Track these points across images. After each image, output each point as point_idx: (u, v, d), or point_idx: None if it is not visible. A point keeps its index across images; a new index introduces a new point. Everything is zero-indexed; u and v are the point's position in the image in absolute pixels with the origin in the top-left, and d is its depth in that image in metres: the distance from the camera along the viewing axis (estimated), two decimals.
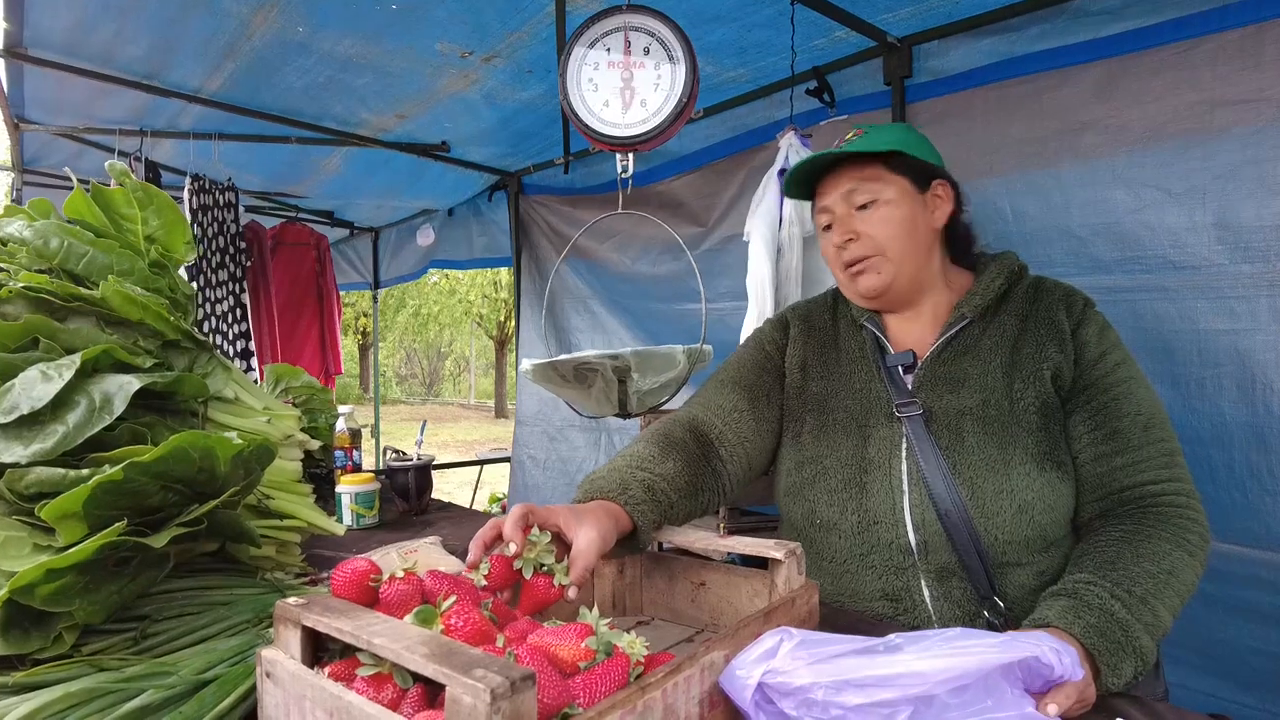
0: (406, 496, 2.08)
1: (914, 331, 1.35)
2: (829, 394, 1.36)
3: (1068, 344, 1.23)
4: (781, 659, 0.75)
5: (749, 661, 0.76)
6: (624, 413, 1.72)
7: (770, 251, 2.05)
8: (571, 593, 0.91)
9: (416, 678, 0.70)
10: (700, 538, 1.09)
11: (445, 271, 15.74)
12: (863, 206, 1.29)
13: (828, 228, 1.35)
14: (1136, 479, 1.15)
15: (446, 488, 7.50)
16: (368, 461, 2.92)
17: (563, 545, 0.96)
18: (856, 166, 1.31)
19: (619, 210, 1.50)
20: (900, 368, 1.31)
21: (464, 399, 26.81)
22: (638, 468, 1.17)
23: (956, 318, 1.29)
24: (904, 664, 0.71)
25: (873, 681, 0.71)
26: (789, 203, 2.08)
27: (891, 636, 0.77)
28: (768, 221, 2.08)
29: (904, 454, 1.24)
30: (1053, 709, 0.78)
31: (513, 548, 0.90)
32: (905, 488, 1.22)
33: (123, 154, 3.53)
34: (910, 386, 1.29)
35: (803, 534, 1.32)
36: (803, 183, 1.39)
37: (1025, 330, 1.27)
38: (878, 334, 1.35)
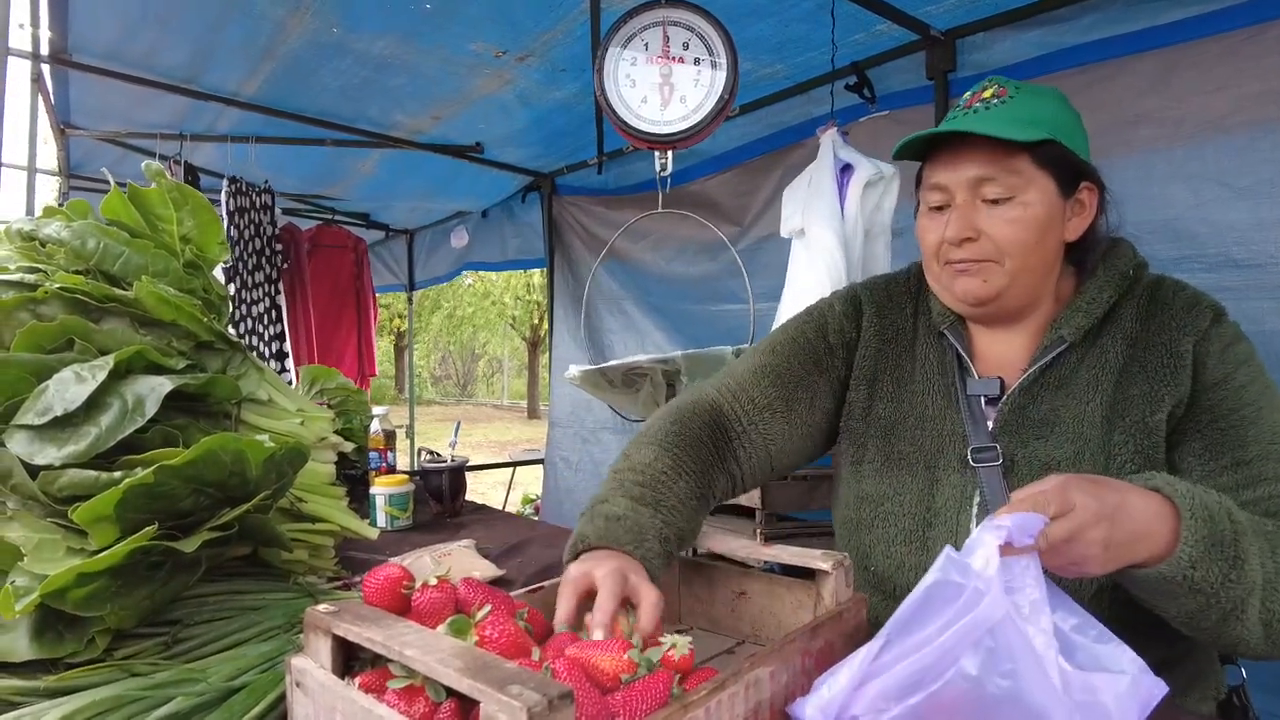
0: (440, 498, 2.06)
1: (1004, 348, 1.14)
2: (897, 420, 1.17)
3: (1185, 374, 1.00)
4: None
5: None
6: None
7: (841, 247, 1.97)
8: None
9: (450, 691, 0.68)
10: (742, 545, 1.05)
11: (479, 274, 15.85)
12: (993, 200, 1.04)
13: (939, 208, 1.09)
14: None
15: (480, 488, 7.53)
16: (402, 462, 2.92)
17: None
18: (995, 146, 1.03)
19: (659, 209, 1.46)
20: (983, 399, 1.11)
21: (497, 399, 27.03)
22: (652, 505, 0.99)
23: (1053, 340, 1.07)
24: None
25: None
26: (851, 199, 2.01)
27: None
28: (835, 217, 2.00)
29: (975, 509, 1.07)
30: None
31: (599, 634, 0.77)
32: None
33: (163, 158, 3.59)
34: (991, 427, 1.09)
35: (855, 575, 1.17)
36: (913, 144, 1.12)
37: (1134, 360, 1.04)
38: (960, 351, 1.14)
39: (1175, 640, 0.94)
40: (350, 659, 0.76)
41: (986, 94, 1.08)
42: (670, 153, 1.45)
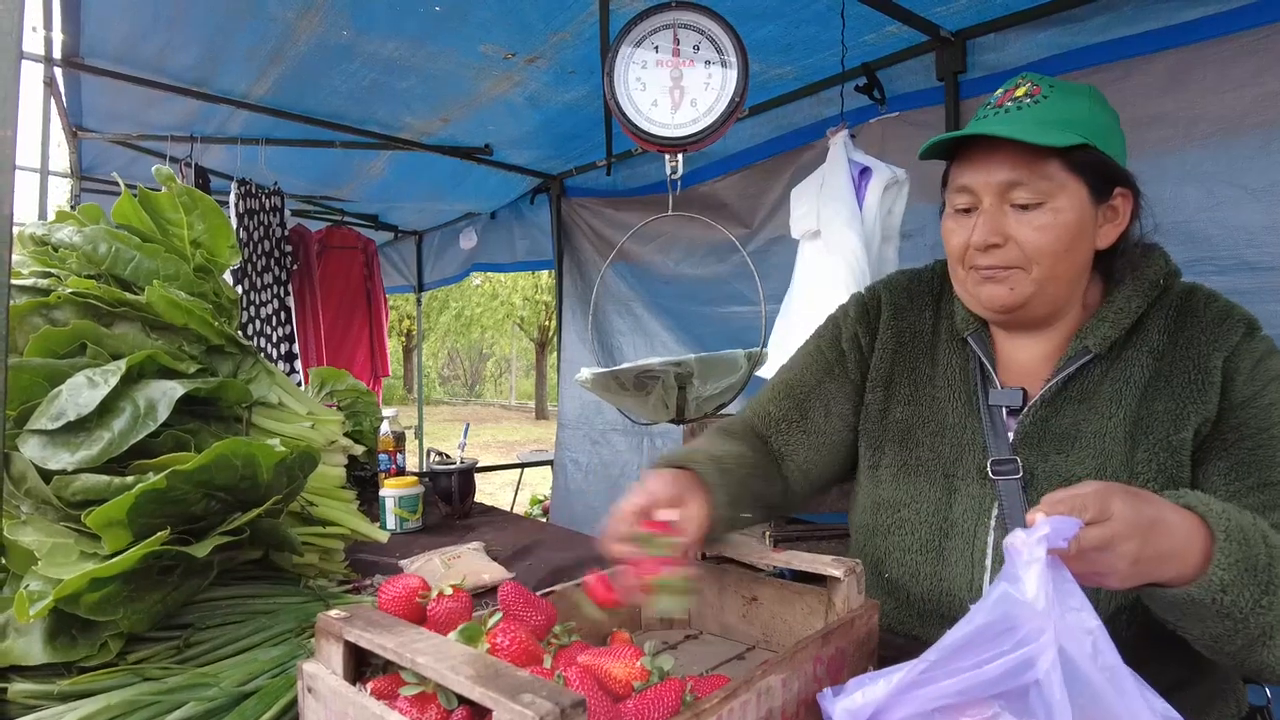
0: (449, 500, 2.06)
1: (1028, 356, 1.10)
2: (915, 424, 1.15)
3: (1213, 391, 0.96)
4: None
5: None
6: (679, 419, 1.68)
7: (864, 248, 1.94)
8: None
9: (461, 698, 0.67)
10: (753, 549, 1.05)
11: (487, 274, 15.89)
12: (1022, 206, 1.00)
13: (965, 210, 1.05)
14: None
15: (488, 488, 7.54)
16: (411, 462, 2.92)
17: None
18: (1025, 149, 0.98)
19: (670, 212, 1.46)
20: (1004, 409, 1.08)
21: (505, 400, 27.09)
22: (697, 449, 1.07)
23: (1077, 350, 1.03)
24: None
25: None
26: (870, 202, 1.99)
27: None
28: (856, 219, 1.98)
29: (992, 523, 1.05)
30: (1038, 515, 0.68)
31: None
32: (988, 563, 1.03)
33: (174, 160, 3.60)
34: (1012, 439, 1.06)
35: (868, 580, 1.15)
36: (941, 143, 1.07)
37: (1159, 374, 1.00)
38: (984, 359, 1.12)
39: (1194, 660, 0.92)
40: (362, 664, 0.76)
41: (1019, 92, 1.04)
42: (681, 156, 1.45)
